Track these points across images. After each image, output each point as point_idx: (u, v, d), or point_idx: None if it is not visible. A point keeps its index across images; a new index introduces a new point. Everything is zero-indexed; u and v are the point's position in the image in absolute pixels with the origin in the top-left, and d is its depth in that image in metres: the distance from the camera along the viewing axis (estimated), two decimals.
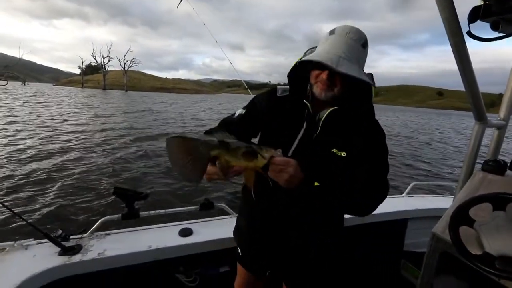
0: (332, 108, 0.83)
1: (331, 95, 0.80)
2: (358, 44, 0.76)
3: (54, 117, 12.01)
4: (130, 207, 1.29)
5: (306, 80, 0.87)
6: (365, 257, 1.88)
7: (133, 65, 71.63)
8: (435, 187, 4.53)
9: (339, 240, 0.99)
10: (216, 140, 0.66)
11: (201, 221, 1.47)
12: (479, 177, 1.20)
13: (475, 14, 0.97)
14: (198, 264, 1.34)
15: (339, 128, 0.84)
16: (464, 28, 0.95)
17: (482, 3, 0.96)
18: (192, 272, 1.34)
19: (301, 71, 0.86)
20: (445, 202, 2.02)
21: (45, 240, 1.13)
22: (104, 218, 1.28)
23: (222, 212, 1.56)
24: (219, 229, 1.40)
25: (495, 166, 1.16)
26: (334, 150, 0.82)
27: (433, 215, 1.90)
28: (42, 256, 1.09)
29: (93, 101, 24.35)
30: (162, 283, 1.30)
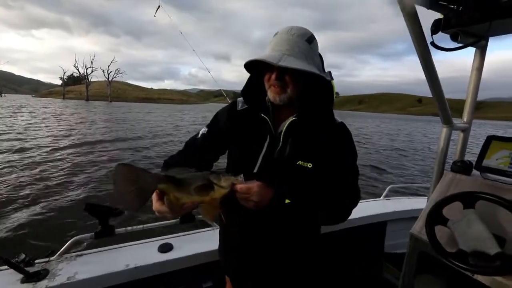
0: (291, 119, 0.81)
1: (287, 97, 0.78)
2: (302, 39, 0.74)
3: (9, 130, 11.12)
4: (104, 224, 1.22)
5: (264, 91, 0.84)
6: (347, 261, 1.90)
7: (118, 75, 70.67)
8: (410, 189, 4.71)
9: (317, 248, 0.99)
10: (164, 175, 0.64)
11: (182, 235, 1.43)
12: (449, 177, 1.26)
13: (436, 26, 1.04)
14: (180, 281, 1.29)
15: (301, 139, 0.81)
16: (429, 39, 1.01)
17: (442, 16, 1.03)
18: None
19: (257, 83, 0.85)
20: (420, 203, 2.09)
21: (5, 266, 1.03)
22: (74, 238, 1.20)
23: (204, 225, 1.51)
24: (201, 242, 1.36)
25: (462, 167, 1.22)
26: (299, 162, 0.80)
27: (410, 216, 1.97)
28: (1, 286, 0.99)
29: (65, 111, 23.55)
30: None
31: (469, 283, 1.06)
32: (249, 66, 0.79)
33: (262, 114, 0.83)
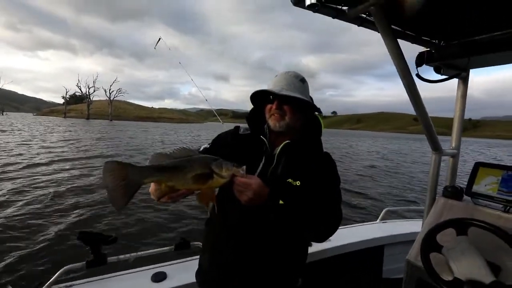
0: (285, 142, 0.92)
1: (285, 124, 0.90)
2: (297, 79, 0.92)
3: None
4: (96, 253, 1.19)
5: (264, 120, 0.98)
6: (345, 287, 1.83)
7: (119, 95, 71.81)
8: (406, 211, 4.65)
9: (302, 266, 0.99)
10: (152, 167, 0.66)
11: (177, 263, 1.39)
12: (441, 202, 1.28)
13: (421, 59, 1.11)
14: None
15: (293, 160, 0.92)
16: (414, 70, 1.07)
17: (426, 50, 1.10)
18: None
19: (258, 113, 0.99)
20: (417, 226, 2.05)
21: None
22: (65, 267, 1.17)
23: (199, 251, 1.49)
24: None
25: (453, 192, 1.26)
26: (289, 180, 0.88)
27: (407, 240, 1.94)
28: None
29: (58, 129, 23.49)
30: None
31: None
32: (253, 98, 0.97)
33: (261, 136, 0.95)
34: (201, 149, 1.01)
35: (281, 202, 0.78)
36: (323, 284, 1.66)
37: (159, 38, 1.88)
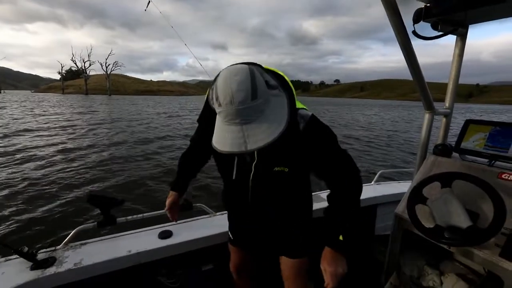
0: None
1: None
2: (249, 104, 0.68)
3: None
4: (106, 214, 1.26)
5: None
6: None
7: (116, 68, 69.92)
8: (399, 173, 4.82)
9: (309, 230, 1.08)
10: None
11: (180, 223, 1.48)
12: (431, 160, 1.33)
13: (418, 16, 1.07)
14: (180, 265, 1.35)
15: (270, 147, 0.76)
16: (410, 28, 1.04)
17: (423, 5, 1.06)
18: (175, 273, 1.34)
19: None
20: (408, 187, 2.15)
21: (15, 256, 1.08)
22: (78, 227, 1.25)
23: (201, 212, 1.57)
24: (199, 229, 1.41)
25: (443, 150, 1.29)
26: (275, 168, 0.88)
27: (398, 199, 2.04)
28: (12, 273, 1.03)
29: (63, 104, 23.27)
30: (145, 287, 1.30)
31: (447, 256, 1.14)
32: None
33: None
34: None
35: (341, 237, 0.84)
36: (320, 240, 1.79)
37: (149, 1, 1.78)
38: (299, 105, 0.87)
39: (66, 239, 1.24)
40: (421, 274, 1.26)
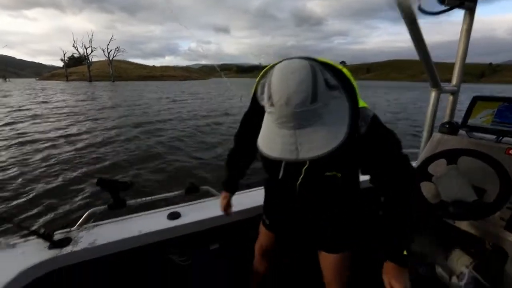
0: None
1: None
2: (307, 107, 0.60)
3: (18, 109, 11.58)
4: (116, 197, 1.30)
5: None
6: None
7: (118, 54, 69.11)
8: (411, 154, 4.88)
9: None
10: None
11: (188, 204, 1.52)
12: (437, 138, 1.32)
13: None
14: (189, 244, 1.40)
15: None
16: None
17: None
18: (185, 251, 1.39)
19: None
20: (413, 166, 2.14)
21: (32, 237, 1.13)
22: (90, 210, 1.30)
23: (207, 194, 1.60)
24: (206, 210, 1.45)
25: (449, 128, 1.27)
26: (327, 173, 0.84)
27: None
28: (31, 252, 1.08)
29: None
30: (157, 264, 1.36)
31: (452, 231, 1.16)
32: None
33: None
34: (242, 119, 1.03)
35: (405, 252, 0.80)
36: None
37: None
38: (361, 103, 0.76)
39: (80, 221, 1.28)
40: (426, 250, 1.29)
